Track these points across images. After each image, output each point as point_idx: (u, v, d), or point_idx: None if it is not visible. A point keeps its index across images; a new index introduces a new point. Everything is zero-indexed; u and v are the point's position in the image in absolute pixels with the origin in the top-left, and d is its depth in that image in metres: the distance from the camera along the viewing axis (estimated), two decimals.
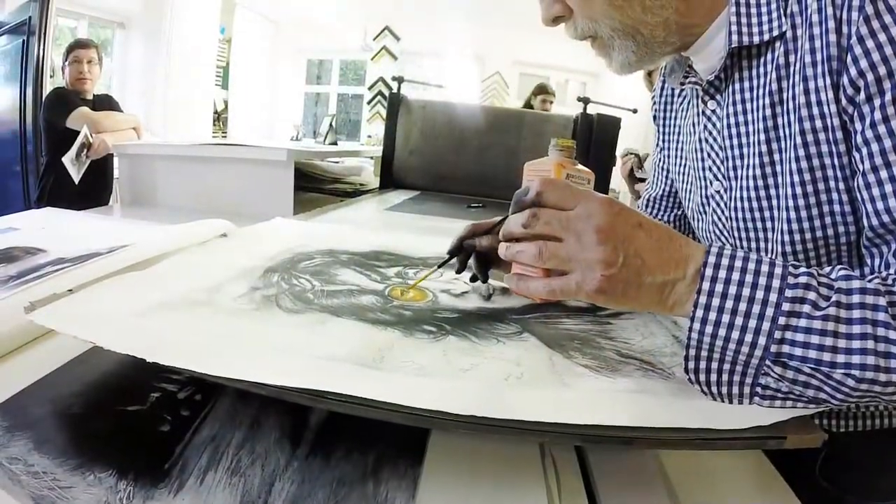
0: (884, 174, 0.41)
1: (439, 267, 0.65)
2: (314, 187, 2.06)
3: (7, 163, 2.94)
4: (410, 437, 0.41)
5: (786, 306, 0.35)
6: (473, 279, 0.65)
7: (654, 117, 0.74)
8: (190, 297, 0.53)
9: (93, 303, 0.49)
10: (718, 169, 0.59)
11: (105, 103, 2.13)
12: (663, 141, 0.73)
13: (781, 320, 0.35)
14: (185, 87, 4.57)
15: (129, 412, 0.43)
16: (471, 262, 0.64)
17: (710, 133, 0.59)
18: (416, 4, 5.31)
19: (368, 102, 5.69)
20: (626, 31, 0.53)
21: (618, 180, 2.45)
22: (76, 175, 1.87)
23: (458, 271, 0.65)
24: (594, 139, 1.97)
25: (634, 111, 2.47)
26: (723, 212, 0.60)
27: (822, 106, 0.46)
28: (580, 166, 0.50)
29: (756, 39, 0.50)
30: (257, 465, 0.38)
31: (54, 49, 3.08)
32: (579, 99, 2.16)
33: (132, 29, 4.47)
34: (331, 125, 2.70)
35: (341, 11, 5.63)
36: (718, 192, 0.59)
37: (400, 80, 2.22)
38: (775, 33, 0.49)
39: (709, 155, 0.60)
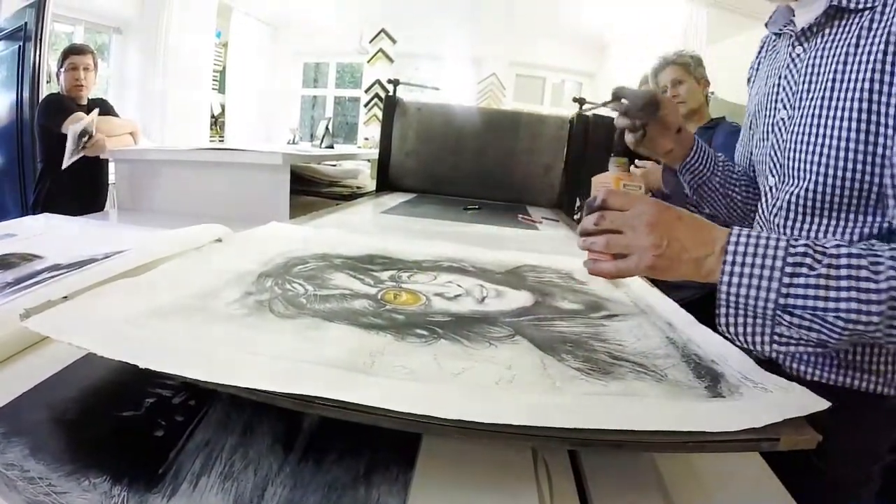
0: None
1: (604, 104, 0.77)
2: (311, 191, 2.07)
3: (3, 168, 2.94)
4: (402, 441, 0.42)
5: (788, 269, 0.47)
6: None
7: (749, 79, 0.87)
8: (183, 302, 0.54)
9: (87, 309, 0.49)
10: (788, 99, 0.70)
11: (101, 108, 2.13)
12: (751, 93, 0.85)
13: (786, 279, 0.47)
14: (181, 91, 4.57)
15: (124, 417, 0.43)
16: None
17: (790, 71, 0.70)
18: (412, 7, 5.31)
19: (365, 105, 5.68)
20: None
21: None
22: (66, 160, 1.85)
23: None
24: (589, 140, 1.98)
25: None
26: (783, 137, 0.70)
27: (883, 73, 0.56)
28: (635, 174, 0.60)
29: (851, 5, 0.61)
30: (250, 469, 0.39)
31: (51, 54, 3.08)
32: (575, 99, 2.16)
33: (128, 34, 4.47)
34: (327, 128, 2.70)
35: (337, 14, 5.64)
36: (783, 119, 0.70)
37: (396, 82, 2.22)
38: (868, 4, 0.60)
39: (783, 88, 0.71)
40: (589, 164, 1.93)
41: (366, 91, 5.66)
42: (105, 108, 2.14)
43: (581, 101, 2.13)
